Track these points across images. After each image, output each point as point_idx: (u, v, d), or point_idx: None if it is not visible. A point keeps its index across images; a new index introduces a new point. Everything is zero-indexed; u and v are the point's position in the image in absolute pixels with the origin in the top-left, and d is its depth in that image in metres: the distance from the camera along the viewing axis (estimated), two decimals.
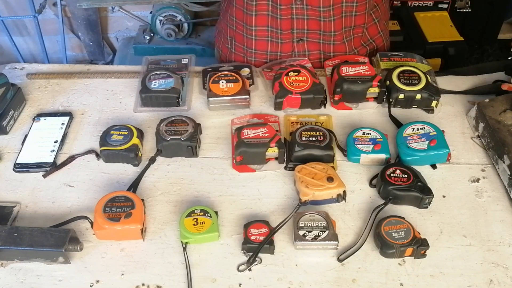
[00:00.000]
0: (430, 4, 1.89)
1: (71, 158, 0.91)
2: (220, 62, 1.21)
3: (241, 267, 0.75)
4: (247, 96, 0.99)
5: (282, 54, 1.11)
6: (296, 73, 0.99)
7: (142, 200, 0.80)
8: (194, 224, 0.76)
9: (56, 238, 0.73)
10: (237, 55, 1.17)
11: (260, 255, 0.75)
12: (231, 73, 1.02)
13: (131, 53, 2.07)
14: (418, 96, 0.96)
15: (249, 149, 0.86)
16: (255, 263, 0.75)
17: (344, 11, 1.06)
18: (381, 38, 1.18)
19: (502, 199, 0.83)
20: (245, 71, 1.07)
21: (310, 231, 0.76)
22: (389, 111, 0.98)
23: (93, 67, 1.15)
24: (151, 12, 2.02)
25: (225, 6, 1.16)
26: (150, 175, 0.88)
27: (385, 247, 0.74)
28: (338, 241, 0.75)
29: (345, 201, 0.82)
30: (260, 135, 0.88)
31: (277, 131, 0.91)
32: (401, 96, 0.97)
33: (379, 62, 1.07)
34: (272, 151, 0.87)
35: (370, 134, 0.90)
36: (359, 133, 0.90)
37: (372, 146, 0.88)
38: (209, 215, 0.78)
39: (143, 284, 0.73)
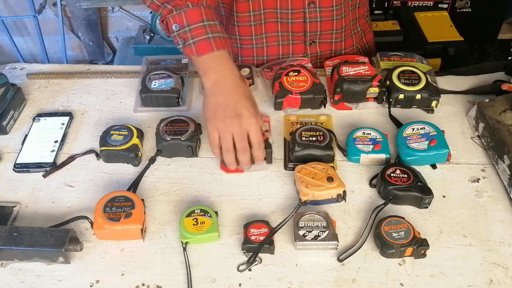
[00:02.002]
0: (430, 4, 1.89)
1: (71, 158, 0.91)
2: None
3: (241, 267, 0.75)
4: None
5: (295, 55, 1.11)
6: (296, 73, 0.99)
7: (142, 200, 0.80)
8: (194, 224, 0.76)
9: (56, 238, 0.73)
10: (245, 61, 1.15)
11: (260, 255, 0.75)
12: None
13: (131, 53, 2.07)
14: (418, 96, 0.96)
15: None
16: (255, 263, 0.75)
17: (351, 4, 1.07)
18: (371, 32, 1.20)
19: (502, 199, 0.83)
20: (245, 71, 1.07)
21: (310, 231, 0.76)
22: (389, 111, 0.98)
23: (93, 67, 1.15)
24: (151, 12, 2.02)
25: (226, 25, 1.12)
26: (150, 175, 0.88)
27: (385, 247, 0.74)
28: (338, 241, 0.75)
29: (345, 201, 0.82)
30: None
31: (266, 131, 0.90)
32: (401, 96, 0.97)
33: (379, 62, 1.07)
34: None
35: (370, 134, 0.90)
36: (359, 133, 0.90)
37: (372, 146, 0.88)
38: (209, 215, 0.78)
39: (143, 284, 0.73)
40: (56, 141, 0.94)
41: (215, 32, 0.85)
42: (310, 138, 0.88)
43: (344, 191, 0.81)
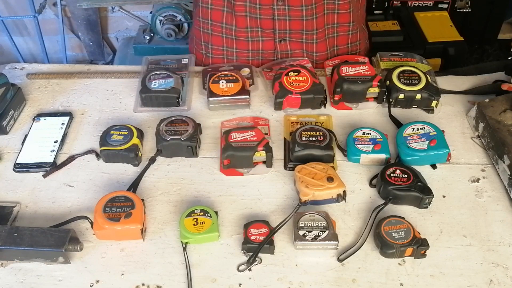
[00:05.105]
0: (430, 4, 1.89)
1: (71, 158, 0.91)
2: None
3: (241, 267, 0.75)
4: (247, 96, 0.99)
5: (264, 51, 1.11)
6: (296, 73, 0.99)
7: (142, 200, 0.80)
8: (194, 224, 0.76)
9: (56, 238, 0.73)
10: (214, 58, 1.15)
11: (260, 255, 0.75)
12: (231, 73, 1.02)
13: (131, 53, 2.07)
14: (418, 96, 0.96)
15: (236, 153, 0.86)
16: (255, 263, 0.75)
17: (326, 8, 1.06)
18: (364, 42, 1.19)
19: (502, 199, 0.83)
20: (245, 71, 1.07)
21: (310, 231, 0.76)
22: (389, 111, 0.98)
23: (93, 67, 1.15)
24: (151, 12, 2.02)
25: (196, 11, 1.13)
26: (150, 175, 0.88)
27: (385, 247, 0.74)
28: (338, 241, 0.75)
29: (345, 201, 0.81)
30: (248, 138, 0.87)
31: (266, 134, 0.90)
32: (401, 96, 0.97)
33: (379, 62, 1.07)
34: (260, 155, 0.87)
35: (370, 134, 0.90)
36: (359, 133, 0.90)
37: (372, 146, 0.88)
38: (209, 215, 0.78)
39: (143, 284, 0.73)
40: (56, 141, 0.94)
41: None
42: (310, 138, 0.88)
43: (344, 191, 0.81)
